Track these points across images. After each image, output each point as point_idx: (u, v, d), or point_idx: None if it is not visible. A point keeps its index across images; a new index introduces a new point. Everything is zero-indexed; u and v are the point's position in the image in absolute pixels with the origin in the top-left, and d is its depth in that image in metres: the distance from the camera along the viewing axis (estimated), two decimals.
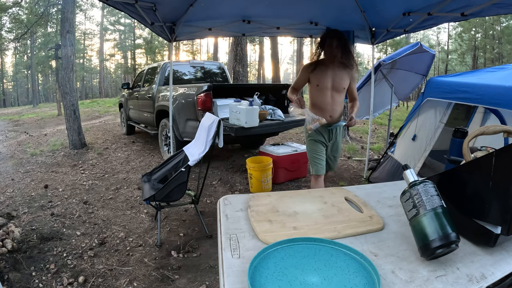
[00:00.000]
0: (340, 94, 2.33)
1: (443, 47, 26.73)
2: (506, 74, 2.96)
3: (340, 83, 2.31)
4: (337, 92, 2.32)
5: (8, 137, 7.44)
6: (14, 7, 15.62)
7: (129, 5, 2.66)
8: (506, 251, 0.71)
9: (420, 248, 0.67)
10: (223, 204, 0.93)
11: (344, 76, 2.32)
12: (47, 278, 2.01)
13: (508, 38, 19.21)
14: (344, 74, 2.31)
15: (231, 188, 3.73)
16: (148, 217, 2.92)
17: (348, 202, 0.95)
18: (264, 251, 0.66)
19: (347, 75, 2.33)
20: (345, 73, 2.32)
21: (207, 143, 2.44)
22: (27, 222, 2.76)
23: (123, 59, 30.87)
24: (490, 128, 0.83)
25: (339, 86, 2.31)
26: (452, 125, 3.37)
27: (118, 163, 4.79)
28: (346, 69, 2.32)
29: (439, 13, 2.48)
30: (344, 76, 2.31)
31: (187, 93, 4.12)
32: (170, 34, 3.48)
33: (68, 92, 5.57)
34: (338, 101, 2.35)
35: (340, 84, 2.31)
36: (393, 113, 6.60)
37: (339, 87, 2.32)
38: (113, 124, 8.84)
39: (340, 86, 2.32)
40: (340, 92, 2.33)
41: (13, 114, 13.92)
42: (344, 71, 2.31)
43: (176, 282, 2.00)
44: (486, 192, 0.70)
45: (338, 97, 2.34)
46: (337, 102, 2.35)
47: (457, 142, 3.02)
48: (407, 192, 0.73)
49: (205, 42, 33.23)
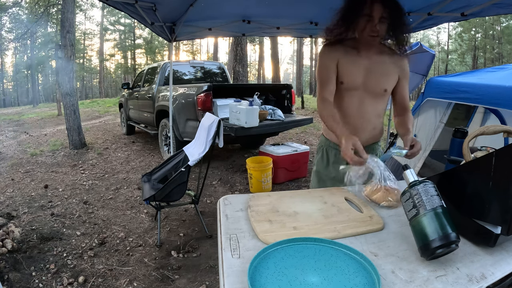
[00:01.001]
0: (378, 100, 1.37)
1: (443, 47, 26.74)
2: (506, 74, 2.96)
3: (379, 81, 1.33)
4: (372, 96, 1.35)
5: (8, 137, 7.44)
6: (14, 7, 15.62)
7: (129, 5, 2.66)
8: (506, 251, 0.71)
9: (420, 248, 0.67)
10: (223, 204, 0.93)
11: (390, 69, 1.34)
12: (47, 278, 2.01)
13: (508, 38, 19.21)
14: (389, 67, 1.34)
15: (231, 188, 3.73)
16: (148, 217, 2.92)
17: (348, 202, 0.95)
18: (264, 251, 0.66)
19: (394, 68, 1.34)
20: (392, 65, 1.34)
21: (207, 143, 2.44)
22: (27, 222, 2.76)
23: (123, 59, 30.87)
24: (490, 128, 0.83)
25: (376, 86, 1.34)
26: (452, 125, 3.38)
27: (118, 163, 4.79)
28: (393, 57, 1.34)
29: (439, 13, 2.48)
30: (389, 69, 1.34)
31: (187, 93, 4.12)
32: (170, 34, 3.48)
33: (68, 92, 5.57)
34: (373, 111, 1.38)
35: (380, 84, 1.34)
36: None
37: (376, 88, 1.34)
38: (113, 124, 8.83)
39: (379, 86, 1.34)
40: (378, 97, 1.36)
41: (13, 114, 13.91)
42: (390, 61, 1.34)
43: (176, 282, 2.00)
44: (486, 192, 0.70)
45: (374, 105, 1.37)
46: (371, 113, 1.38)
47: (457, 142, 3.02)
48: (407, 192, 0.73)
49: (205, 42, 33.27)
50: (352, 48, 1.34)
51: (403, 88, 1.39)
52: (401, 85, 1.38)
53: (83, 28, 28.39)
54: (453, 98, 2.97)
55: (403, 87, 1.39)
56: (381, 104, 1.39)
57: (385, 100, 1.40)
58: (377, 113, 1.40)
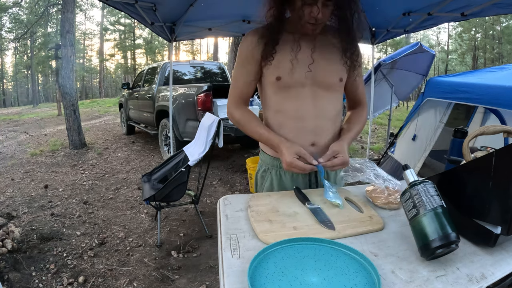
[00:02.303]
0: (334, 93, 1.07)
1: (443, 47, 26.75)
2: (506, 74, 2.96)
3: (330, 70, 1.04)
4: (326, 89, 1.05)
5: (8, 137, 7.44)
6: (14, 7, 15.63)
7: (129, 5, 2.66)
8: (506, 251, 0.71)
9: (420, 248, 0.67)
10: (223, 204, 0.93)
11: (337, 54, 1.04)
12: (47, 278, 2.01)
13: (508, 38, 19.22)
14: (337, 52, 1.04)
15: (231, 188, 3.73)
16: (148, 217, 2.92)
17: (348, 202, 0.95)
18: (264, 251, 0.66)
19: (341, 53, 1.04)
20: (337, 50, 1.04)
21: (207, 143, 2.44)
22: (27, 222, 2.76)
23: (123, 59, 30.86)
24: (490, 128, 0.82)
25: (328, 76, 1.04)
26: (452, 125, 3.38)
27: (118, 163, 4.79)
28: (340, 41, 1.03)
29: (439, 13, 2.48)
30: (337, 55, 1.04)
31: (187, 93, 4.12)
32: (170, 34, 3.48)
33: (68, 92, 5.57)
34: (332, 108, 1.08)
35: (331, 73, 1.04)
36: (393, 113, 6.60)
37: (328, 78, 1.04)
38: (113, 124, 8.83)
39: (332, 76, 1.05)
40: (334, 90, 1.07)
41: (13, 114, 13.92)
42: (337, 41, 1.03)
43: (176, 282, 2.00)
44: (486, 192, 0.70)
45: (331, 100, 1.07)
46: (331, 110, 1.08)
47: (457, 142, 3.02)
48: (407, 192, 0.73)
49: (205, 42, 33.25)
50: (288, 33, 1.02)
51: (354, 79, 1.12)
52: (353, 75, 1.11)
53: (83, 28, 28.41)
54: (453, 98, 2.97)
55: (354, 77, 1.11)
56: (339, 97, 1.10)
57: (340, 94, 1.11)
58: (338, 109, 1.10)
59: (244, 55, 1.07)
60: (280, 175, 1.11)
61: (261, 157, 1.20)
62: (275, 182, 1.12)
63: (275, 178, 1.12)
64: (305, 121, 1.04)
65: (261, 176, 1.18)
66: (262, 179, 1.18)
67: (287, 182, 1.10)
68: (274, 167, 1.13)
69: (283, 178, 1.11)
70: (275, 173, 1.12)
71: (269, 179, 1.14)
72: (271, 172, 1.14)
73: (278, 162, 1.10)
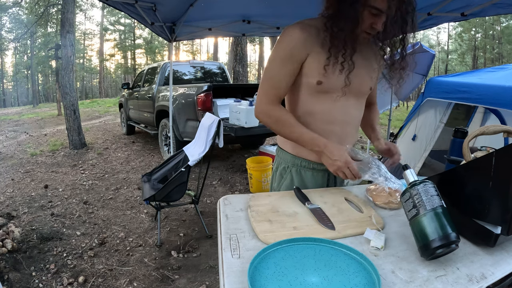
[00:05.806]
0: (362, 101, 1.12)
1: (443, 47, 26.76)
2: (506, 74, 2.97)
3: (365, 79, 1.06)
4: (356, 97, 1.08)
5: (8, 137, 7.44)
6: (14, 7, 15.63)
7: (129, 5, 2.66)
8: (506, 251, 0.71)
9: (420, 248, 0.67)
10: (223, 204, 0.93)
11: (374, 63, 1.08)
12: (47, 278, 2.01)
13: (508, 38, 19.22)
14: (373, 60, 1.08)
15: (231, 188, 3.73)
16: (148, 217, 2.92)
17: (348, 202, 0.95)
18: (264, 251, 0.66)
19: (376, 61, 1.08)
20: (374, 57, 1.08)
21: (207, 143, 2.44)
22: (27, 222, 2.76)
23: (123, 59, 30.87)
24: (490, 128, 0.82)
25: (362, 86, 1.07)
26: (452, 125, 3.38)
27: (118, 163, 4.79)
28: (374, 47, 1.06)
29: (439, 13, 2.48)
30: (373, 64, 1.08)
31: (187, 93, 4.12)
32: (170, 34, 3.48)
33: (68, 92, 5.57)
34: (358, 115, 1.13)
35: (366, 82, 1.07)
36: (393, 113, 6.60)
37: (362, 87, 1.07)
38: (113, 124, 8.83)
39: (365, 85, 1.08)
40: (363, 98, 1.12)
41: (13, 114, 13.92)
42: (372, 52, 1.07)
43: (176, 282, 2.00)
44: (486, 192, 0.70)
45: (358, 107, 1.12)
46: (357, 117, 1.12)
47: (457, 142, 3.02)
48: (407, 192, 0.73)
49: (205, 42, 33.28)
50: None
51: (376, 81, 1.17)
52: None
53: (83, 28, 28.40)
54: (453, 98, 2.97)
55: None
56: (364, 103, 1.14)
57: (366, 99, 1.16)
58: (362, 115, 1.14)
59: (289, 53, 0.98)
60: (300, 173, 1.11)
61: (280, 155, 1.18)
62: (295, 180, 1.11)
63: (295, 176, 1.12)
64: (334, 125, 1.05)
65: (279, 174, 1.17)
66: (280, 176, 1.16)
67: (308, 180, 1.11)
68: (294, 165, 1.12)
69: (303, 176, 1.11)
70: (295, 171, 1.12)
71: (289, 177, 1.13)
72: (291, 170, 1.13)
73: (299, 161, 1.11)
